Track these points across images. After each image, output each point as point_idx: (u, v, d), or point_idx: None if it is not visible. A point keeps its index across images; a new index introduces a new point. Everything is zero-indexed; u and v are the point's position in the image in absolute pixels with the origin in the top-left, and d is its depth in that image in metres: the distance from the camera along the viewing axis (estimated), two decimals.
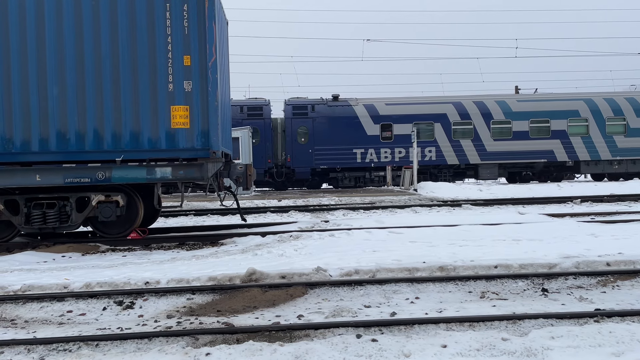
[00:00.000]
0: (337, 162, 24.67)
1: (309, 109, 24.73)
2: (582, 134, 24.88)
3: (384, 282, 5.89)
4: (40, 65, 8.77)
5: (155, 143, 8.93)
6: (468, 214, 13.16)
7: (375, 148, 24.62)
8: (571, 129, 24.79)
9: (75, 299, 5.60)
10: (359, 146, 24.54)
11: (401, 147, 24.65)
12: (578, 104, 25.01)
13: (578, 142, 24.86)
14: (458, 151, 24.77)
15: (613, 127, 25.04)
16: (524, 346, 3.91)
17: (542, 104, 24.98)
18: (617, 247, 7.39)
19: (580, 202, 15.65)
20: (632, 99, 25.35)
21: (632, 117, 25.07)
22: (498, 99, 25.14)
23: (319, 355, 3.82)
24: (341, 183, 24.91)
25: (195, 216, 14.40)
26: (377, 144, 24.65)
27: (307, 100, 25.24)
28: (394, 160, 24.64)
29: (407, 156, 24.57)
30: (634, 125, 25.01)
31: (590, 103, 25.11)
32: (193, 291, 5.74)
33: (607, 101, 25.18)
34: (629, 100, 25.28)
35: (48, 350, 4.24)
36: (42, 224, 9.14)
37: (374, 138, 24.65)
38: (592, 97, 25.44)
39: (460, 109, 24.85)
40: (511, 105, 24.93)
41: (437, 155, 24.79)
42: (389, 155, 24.65)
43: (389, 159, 24.64)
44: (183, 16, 8.88)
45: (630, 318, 4.56)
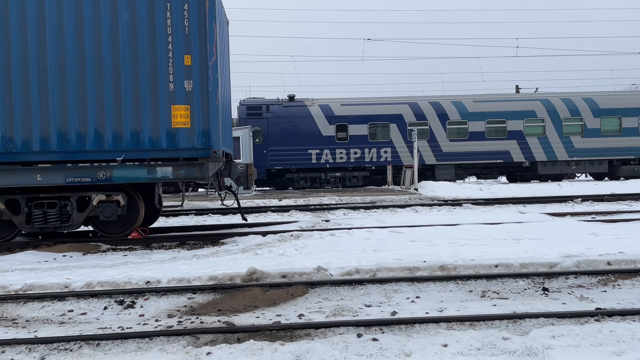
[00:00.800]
0: (292, 163, 24.48)
1: (263, 110, 24.57)
2: (538, 135, 24.65)
3: (385, 282, 5.89)
4: (40, 64, 8.77)
5: (156, 142, 8.93)
6: (469, 213, 13.16)
7: (331, 149, 24.40)
8: (527, 129, 24.54)
9: (76, 299, 5.60)
10: (314, 147, 24.30)
11: (356, 148, 24.44)
12: (534, 105, 24.79)
13: (534, 143, 24.65)
14: None
15: (570, 128, 24.79)
16: (525, 345, 3.91)
17: (498, 105, 24.76)
18: (618, 246, 7.39)
19: (581, 201, 15.64)
20: (589, 99, 25.09)
21: (589, 117, 24.81)
22: (454, 100, 24.94)
23: (319, 355, 3.82)
24: (297, 184, 24.77)
25: (196, 216, 14.40)
26: (332, 145, 24.43)
27: (262, 100, 25.06)
28: (349, 161, 24.44)
29: (363, 157, 24.39)
30: (591, 126, 24.77)
31: (546, 103, 24.87)
32: (194, 290, 5.74)
33: (564, 101, 24.97)
34: (586, 100, 25.03)
35: (49, 350, 4.25)
36: (43, 223, 9.15)
37: (329, 139, 24.44)
38: (549, 97, 25.22)
39: (416, 109, 24.67)
40: (467, 105, 24.71)
41: (392, 156, 24.55)
42: (344, 156, 24.44)
43: (344, 159, 24.44)
44: (184, 16, 8.88)
45: (631, 317, 4.56)
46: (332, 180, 24.79)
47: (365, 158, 24.33)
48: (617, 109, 24.90)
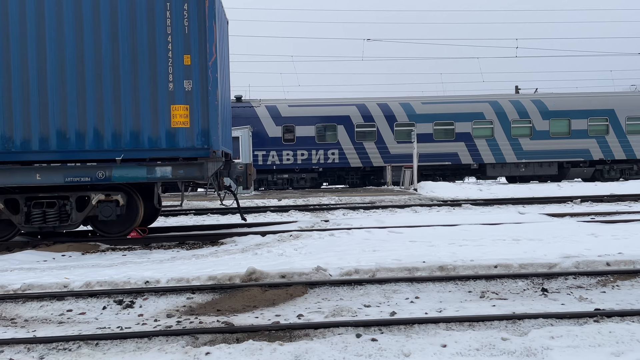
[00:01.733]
0: None
1: None
2: (487, 137, 24.49)
3: (384, 282, 5.89)
4: (40, 64, 8.77)
5: (156, 142, 8.93)
6: (468, 213, 13.16)
7: (277, 150, 24.24)
8: (476, 131, 24.37)
9: (75, 298, 5.60)
10: (260, 148, 24.12)
11: (303, 150, 24.29)
12: (483, 106, 24.64)
13: (483, 145, 24.49)
14: (361, 154, 24.40)
15: (519, 130, 24.57)
16: (524, 346, 3.92)
17: (446, 107, 24.60)
18: (617, 247, 7.40)
19: (580, 202, 15.65)
20: (538, 101, 24.92)
21: (538, 119, 24.62)
22: (402, 101, 24.79)
23: (318, 355, 3.82)
24: None
25: (195, 215, 14.40)
26: (279, 146, 24.28)
27: None
28: (296, 163, 24.30)
29: (310, 158, 24.29)
30: (540, 128, 24.61)
31: (495, 105, 24.67)
32: (193, 290, 5.74)
33: (513, 103, 24.80)
34: (535, 102, 24.85)
35: (48, 349, 4.24)
36: (42, 223, 9.14)
37: (276, 140, 24.30)
38: (498, 99, 25.03)
39: (363, 111, 24.50)
40: (415, 107, 24.56)
41: (340, 157, 24.35)
42: (291, 158, 24.29)
43: (291, 161, 24.30)
44: (183, 15, 8.87)
45: (630, 318, 4.56)
46: (280, 182, 24.63)
47: (313, 159, 24.17)
48: (566, 111, 24.75)
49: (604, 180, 24.61)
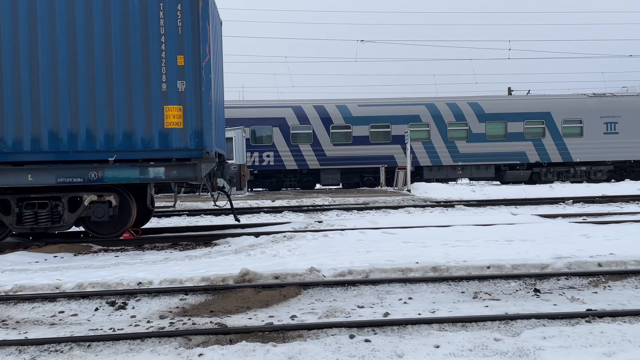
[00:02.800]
0: None
1: None
2: (423, 139, 24.44)
3: (378, 283, 5.90)
4: (32, 64, 8.72)
5: (149, 143, 8.90)
6: (461, 214, 13.20)
7: None
8: (412, 134, 24.22)
9: (67, 300, 5.57)
10: None
11: None
12: (419, 109, 24.62)
13: (419, 148, 24.38)
14: (297, 156, 24.32)
15: (455, 133, 24.52)
16: (516, 346, 3.93)
17: (382, 109, 24.54)
18: (609, 248, 7.44)
19: (572, 203, 15.74)
20: (475, 104, 24.87)
21: (475, 122, 24.54)
22: (339, 104, 24.73)
23: (312, 356, 3.82)
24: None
25: (189, 216, 14.35)
26: None
27: None
28: None
29: None
30: (476, 131, 24.53)
31: (432, 108, 24.58)
32: (186, 292, 5.72)
33: (450, 106, 24.73)
34: (472, 105, 24.76)
35: (39, 351, 4.22)
36: (34, 224, 9.09)
37: None
38: (435, 102, 25.01)
39: (299, 113, 24.45)
40: (351, 109, 24.48)
41: (275, 160, 24.28)
42: None
43: None
44: (177, 16, 8.85)
45: (621, 318, 4.60)
46: None
47: (247, 162, 24.08)
48: (503, 114, 24.74)
49: (541, 183, 24.56)
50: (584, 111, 25.10)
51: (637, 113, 25.12)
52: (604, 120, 25.02)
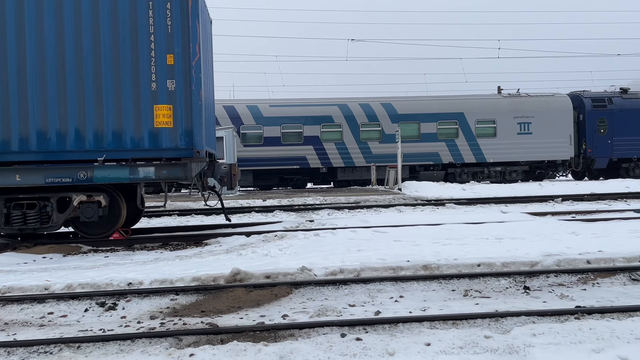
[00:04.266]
0: None
1: None
2: (336, 140, 24.01)
3: (369, 281, 5.91)
4: (20, 63, 8.63)
5: (138, 142, 8.85)
6: (451, 213, 13.26)
7: None
8: (324, 135, 23.82)
9: (56, 301, 5.52)
10: None
11: None
12: (332, 110, 24.38)
13: (332, 149, 23.96)
14: None
15: (368, 134, 24.20)
16: (507, 343, 3.96)
17: (294, 109, 24.26)
18: (598, 245, 7.51)
19: (561, 201, 15.86)
20: (388, 104, 24.56)
21: (388, 123, 24.19)
22: (249, 104, 24.50)
23: (303, 355, 3.82)
24: None
25: (179, 216, 14.29)
26: None
27: None
28: None
29: None
30: (389, 132, 24.02)
31: (344, 108, 24.20)
32: (177, 292, 5.70)
33: (363, 107, 24.29)
34: (384, 105, 24.41)
35: (28, 353, 4.18)
36: (23, 224, 9.00)
37: None
38: (347, 102, 24.71)
39: None
40: (262, 110, 24.22)
41: None
42: None
43: None
44: (166, 15, 8.80)
45: (610, 315, 4.64)
46: None
47: None
48: (416, 115, 24.57)
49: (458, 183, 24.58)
50: (497, 112, 24.92)
51: (550, 113, 24.98)
52: (518, 120, 24.85)
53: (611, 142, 25.34)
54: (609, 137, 25.37)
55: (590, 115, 25.47)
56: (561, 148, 25.04)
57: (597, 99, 25.74)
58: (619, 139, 25.34)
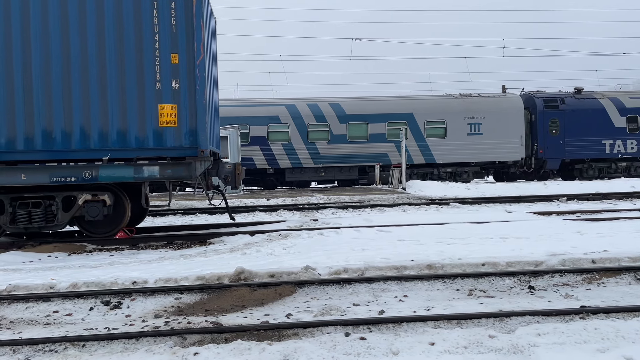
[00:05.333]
0: None
1: None
2: (283, 141, 23.74)
3: (373, 281, 5.91)
4: (25, 62, 8.67)
5: (143, 142, 8.87)
6: (456, 212, 13.23)
7: None
8: (271, 135, 23.58)
9: (61, 299, 5.54)
10: None
11: None
12: (279, 110, 24.09)
13: (279, 149, 23.70)
14: None
15: (315, 134, 23.86)
16: (511, 343, 3.95)
17: (241, 110, 23.96)
18: (603, 245, 7.48)
19: (566, 201, 15.81)
20: (336, 104, 24.09)
21: (336, 123, 23.95)
22: None
23: (307, 354, 3.82)
24: None
25: (184, 215, 14.32)
26: None
27: None
28: None
29: None
30: (337, 132, 23.84)
31: (292, 109, 23.89)
32: (181, 291, 5.71)
33: (310, 107, 23.97)
34: (333, 106, 24.07)
35: (34, 351, 4.20)
36: (28, 223, 9.04)
37: None
38: (295, 102, 24.17)
39: None
40: None
41: None
42: None
43: None
44: (171, 14, 8.82)
45: (615, 315, 4.62)
46: None
47: None
48: (365, 115, 24.24)
49: None
50: (447, 112, 24.58)
51: (501, 114, 24.62)
52: (468, 121, 24.52)
53: (563, 143, 24.96)
54: (561, 138, 24.98)
55: (542, 115, 25.09)
56: (512, 149, 24.65)
57: (550, 99, 25.33)
58: (571, 140, 24.96)
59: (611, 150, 25.12)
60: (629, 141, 25.16)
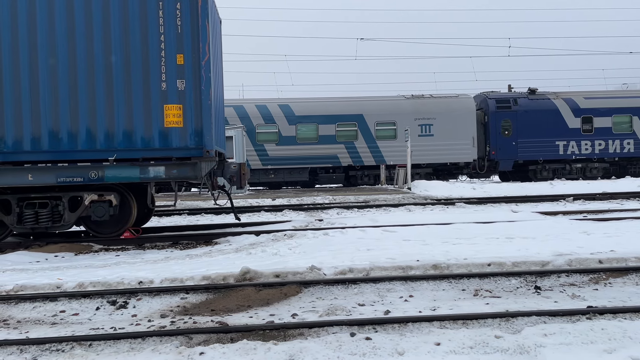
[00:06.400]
0: None
1: None
2: None
3: (378, 281, 5.90)
4: (32, 64, 8.71)
5: (149, 142, 8.90)
6: (461, 212, 13.20)
7: None
8: None
9: (68, 299, 5.57)
10: None
11: None
12: (227, 110, 23.64)
13: None
14: None
15: (264, 135, 23.85)
16: (517, 344, 3.93)
17: None
18: (610, 245, 7.44)
19: (572, 200, 15.74)
20: (285, 105, 24.08)
21: (285, 124, 23.85)
22: None
23: (313, 354, 3.82)
24: None
25: (189, 215, 14.36)
26: None
27: None
28: None
29: None
30: (286, 134, 23.76)
31: (239, 110, 23.83)
32: (187, 290, 5.72)
33: (259, 108, 23.94)
34: (282, 107, 24.06)
35: (41, 351, 4.22)
36: (35, 223, 9.09)
37: None
38: (243, 103, 24.20)
39: None
40: None
41: None
42: None
43: None
44: (176, 15, 8.84)
45: (622, 315, 4.60)
46: None
47: None
48: (314, 116, 24.02)
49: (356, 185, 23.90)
50: (398, 113, 24.39)
51: (452, 115, 24.40)
52: (419, 122, 24.34)
53: (516, 144, 24.70)
54: (514, 139, 24.72)
55: (494, 116, 24.85)
56: (464, 150, 24.42)
57: (502, 100, 25.06)
58: (524, 141, 24.70)
59: (565, 152, 24.82)
60: (583, 142, 24.85)
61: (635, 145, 25.02)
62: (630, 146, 25.02)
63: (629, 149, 25.02)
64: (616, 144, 24.97)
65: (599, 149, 24.96)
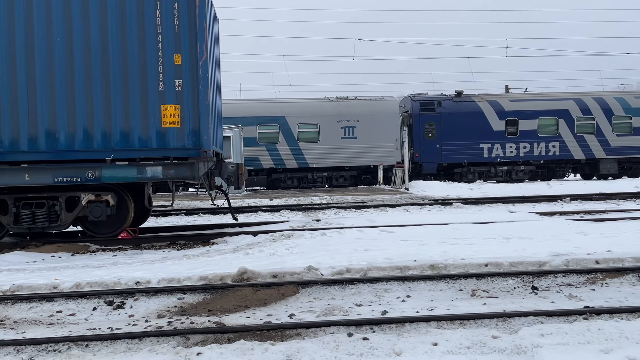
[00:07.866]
0: None
1: None
2: None
3: (376, 281, 5.90)
4: (29, 63, 8.69)
5: (146, 142, 8.88)
6: (459, 212, 13.22)
7: None
8: None
9: (64, 299, 5.56)
10: None
11: None
12: None
13: None
14: None
15: None
16: (514, 344, 3.94)
17: None
18: (606, 245, 7.46)
19: (569, 201, 15.76)
20: None
21: None
22: None
23: (310, 354, 3.82)
24: None
25: (187, 215, 14.34)
26: None
27: None
28: None
29: None
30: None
31: None
32: (184, 291, 5.72)
33: None
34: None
35: (37, 351, 4.21)
36: (31, 223, 9.06)
37: None
38: None
39: None
40: None
41: None
42: None
43: None
44: (174, 15, 8.83)
45: (618, 315, 4.61)
46: None
47: None
48: (234, 118, 22.80)
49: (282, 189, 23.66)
50: (320, 115, 24.04)
51: (375, 117, 24.09)
52: (342, 124, 23.97)
53: (440, 147, 24.50)
54: (438, 142, 24.51)
55: (418, 118, 24.64)
56: (387, 153, 24.07)
57: (426, 102, 24.85)
58: (448, 144, 24.51)
59: (489, 154, 24.64)
60: (508, 145, 24.64)
61: (560, 147, 24.80)
62: (556, 149, 24.76)
63: (554, 151, 24.77)
64: (541, 147, 24.72)
65: (524, 151, 24.72)
